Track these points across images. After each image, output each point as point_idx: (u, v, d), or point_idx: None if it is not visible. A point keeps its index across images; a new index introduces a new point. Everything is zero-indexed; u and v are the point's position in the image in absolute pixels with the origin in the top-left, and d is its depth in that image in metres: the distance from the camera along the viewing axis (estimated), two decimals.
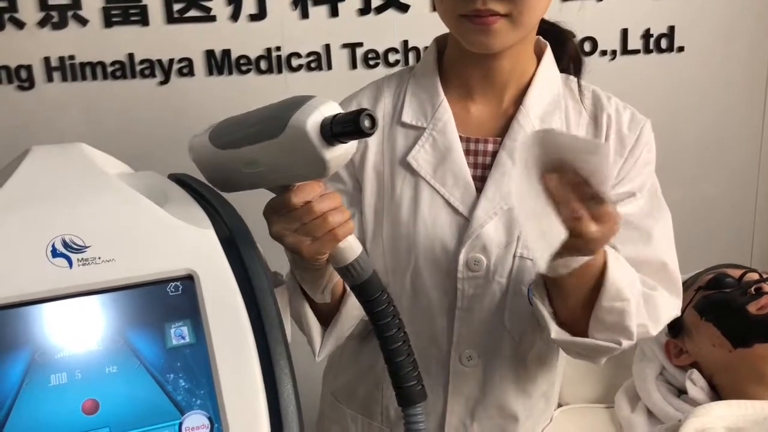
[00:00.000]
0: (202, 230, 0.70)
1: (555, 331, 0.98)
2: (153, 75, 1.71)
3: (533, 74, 1.07)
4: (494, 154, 1.06)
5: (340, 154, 0.70)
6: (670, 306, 1.05)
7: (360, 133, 0.67)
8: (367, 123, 0.66)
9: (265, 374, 0.66)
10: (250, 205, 0.86)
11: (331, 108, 0.69)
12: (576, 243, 0.83)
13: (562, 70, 1.11)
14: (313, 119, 0.68)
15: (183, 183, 0.80)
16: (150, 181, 0.77)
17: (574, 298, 0.95)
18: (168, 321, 0.66)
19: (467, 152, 1.06)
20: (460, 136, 1.06)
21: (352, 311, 1.02)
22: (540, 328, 1.03)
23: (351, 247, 0.80)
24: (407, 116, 1.08)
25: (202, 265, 0.68)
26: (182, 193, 0.77)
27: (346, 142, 0.70)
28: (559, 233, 0.80)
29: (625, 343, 0.97)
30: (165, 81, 1.72)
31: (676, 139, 1.83)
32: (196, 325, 0.66)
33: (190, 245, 0.69)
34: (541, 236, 0.81)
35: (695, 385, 1.31)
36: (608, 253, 0.93)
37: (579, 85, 1.10)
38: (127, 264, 0.66)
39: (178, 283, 0.67)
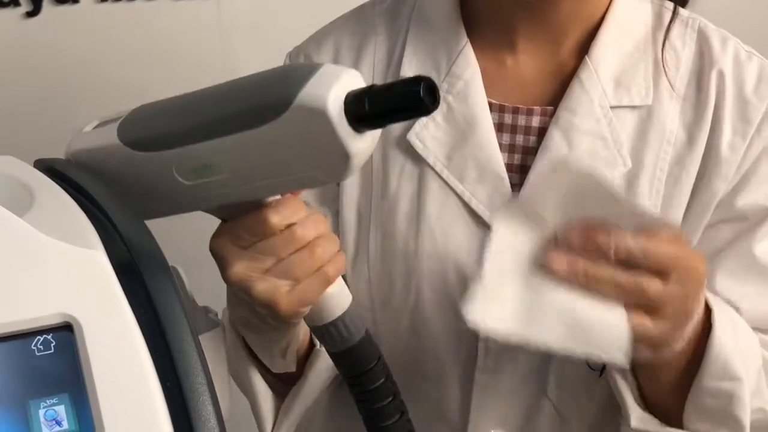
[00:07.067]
0: (87, 251, 0.52)
1: (636, 418, 0.74)
2: (16, 2, 1.36)
3: (608, 7, 0.79)
4: (541, 131, 0.78)
5: (368, 145, 0.52)
6: None
7: (417, 111, 0.50)
8: (428, 97, 0.48)
9: None
10: None
11: (355, 78, 0.52)
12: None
13: None
14: (335, 94, 0.49)
15: (58, 174, 0.59)
16: (5, 171, 0.57)
17: (666, 372, 0.73)
18: (34, 397, 0.48)
19: (500, 128, 0.78)
20: (490, 103, 0.78)
21: (323, 374, 0.77)
22: (609, 406, 0.80)
23: (340, 294, 0.62)
24: (409, 69, 0.81)
25: (87, 307, 0.50)
26: (56, 192, 0.56)
27: (380, 127, 0.52)
28: (611, 321, 0.61)
29: None
30: (34, 12, 1.38)
31: None
32: (78, 402, 0.48)
33: (68, 277, 0.51)
34: (584, 333, 0.62)
35: None
36: (714, 307, 0.71)
37: (672, 20, 0.79)
38: None
39: (50, 337, 0.49)
